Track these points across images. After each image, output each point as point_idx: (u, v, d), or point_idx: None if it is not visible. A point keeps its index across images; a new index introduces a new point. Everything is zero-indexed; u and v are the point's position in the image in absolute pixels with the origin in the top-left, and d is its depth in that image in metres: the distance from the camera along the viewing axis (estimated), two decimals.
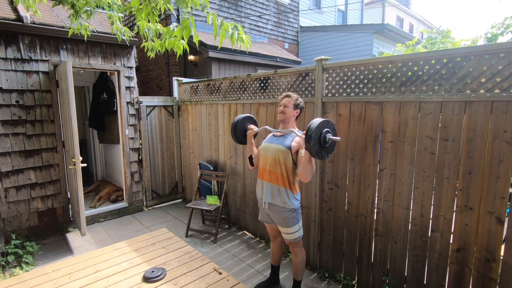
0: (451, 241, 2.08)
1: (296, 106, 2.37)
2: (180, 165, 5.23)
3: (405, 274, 2.35)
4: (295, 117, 2.42)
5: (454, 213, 2.05)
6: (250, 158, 2.62)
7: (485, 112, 1.85)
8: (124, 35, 3.09)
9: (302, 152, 2.22)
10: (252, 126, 2.59)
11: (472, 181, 1.94)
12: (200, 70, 6.72)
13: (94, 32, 3.71)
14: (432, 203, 2.15)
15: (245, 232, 3.96)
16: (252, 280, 2.88)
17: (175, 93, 5.12)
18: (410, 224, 2.28)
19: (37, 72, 3.62)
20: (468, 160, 1.94)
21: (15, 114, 3.49)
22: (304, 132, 2.01)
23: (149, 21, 2.29)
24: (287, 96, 2.40)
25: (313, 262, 3.04)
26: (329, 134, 1.99)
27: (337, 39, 9.12)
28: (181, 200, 5.29)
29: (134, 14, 2.24)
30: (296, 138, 2.31)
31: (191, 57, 6.70)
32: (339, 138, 2.00)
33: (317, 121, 1.97)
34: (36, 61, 3.61)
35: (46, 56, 3.66)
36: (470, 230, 1.97)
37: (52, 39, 3.68)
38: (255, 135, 2.67)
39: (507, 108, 1.77)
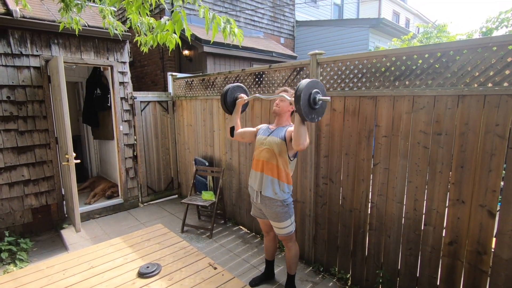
0: (443, 235, 2.11)
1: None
2: (175, 161, 5.21)
3: (399, 267, 2.37)
4: (290, 112, 2.42)
5: (447, 207, 2.07)
6: (232, 128, 2.59)
7: (478, 106, 1.86)
8: (116, 29, 3.04)
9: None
10: (242, 95, 2.58)
11: (464, 175, 1.95)
12: (195, 65, 6.67)
13: (86, 26, 3.66)
14: (425, 197, 2.16)
15: (241, 227, 3.97)
16: (247, 275, 2.89)
17: (170, 89, 5.08)
18: (403, 218, 2.30)
19: (28, 67, 3.56)
20: (461, 154, 1.95)
21: (6, 110, 3.44)
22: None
23: (140, 15, 2.26)
24: (285, 90, 2.41)
25: (308, 256, 3.06)
26: (318, 95, 1.96)
27: (333, 33, 9.09)
28: (176, 196, 5.28)
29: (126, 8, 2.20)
30: (289, 128, 2.31)
31: (186, 52, 6.64)
32: (329, 97, 1.95)
33: (305, 81, 1.93)
34: (27, 56, 3.55)
35: (37, 51, 3.60)
36: (462, 223, 1.99)
37: (43, 33, 3.61)
38: (245, 106, 2.65)
39: (499, 102, 1.77)
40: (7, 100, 3.45)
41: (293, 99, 2.00)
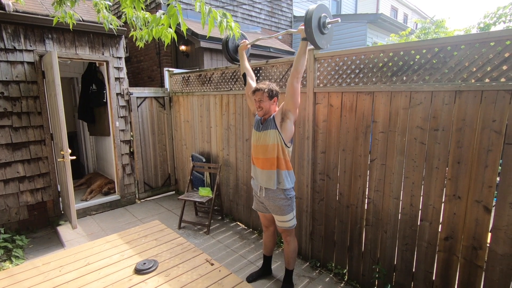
0: (439, 230, 2.11)
1: (270, 96, 2.29)
2: (172, 157, 5.19)
3: (395, 263, 2.39)
4: (274, 105, 2.36)
5: (443, 202, 2.07)
6: (244, 75, 2.59)
7: (475, 101, 1.85)
8: (111, 24, 2.99)
9: (288, 117, 2.24)
10: (244, 40, 2.58)
11: (461, 171, 1.96)
12: (192, 60, 6.61)
13: (81, 21, 3.61)
14: (422, 193, 2.17)
15: (238, 223, 3.98)
16: (244, 271, 2.90)
17: (167, 84, 5.04)
18: (400, 213, 2.30)
19: (22, 62, 3.50)
20: (457, 150, 1.95)
21: (0, 106, 3.40)
22: (302, 24, 2.00)
23: (134, 8, 2.22)
24: (257, 90, 2.29)
25: (305, 252, 3.07)
26: (327, 19, 1.97)
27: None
28: (174, 192, 5.27)
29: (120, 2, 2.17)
30: (276, 108, 2.32)
31: (182, 48, 6.57)
32: (338, 18, 1.97)
33: (313, 6, 1.96)
34: (21, 51, 3.49)
35: (31, 46, 3.55)
36: (458, 218, 2.00)
37: (36, 28, 3.55)
38: (248, 52, 2.65)
39: (496, 98, 1.77)
40: (1, 96, 3.40)
41: (302, 26, 2.03)
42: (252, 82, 2.61)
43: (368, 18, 8.29)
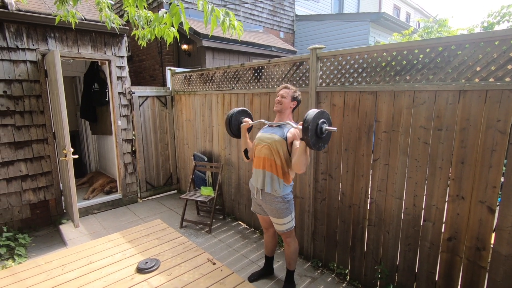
0: (442, 230, 2.10)
1: (293, 98, 2.36)
2: (174, 156, 5.19)
3: (397, 263, 2.38)
4: (291, 109, 2.41)
5: (446, 203, 2.06)
6: (245, 151, 2.59)
7: (479, 101, 1.84)
8: (113, 23, 2.99)
9: (297, 143, 2.20)
10: (247, 119, 2.56)
11: (464, 171, 1.94)
12: (193, 59, 6.61)
13: (83, 19, 3.61)
14: (425, 193, 2.15)
15: (240, 222, 3.97)
16: (246, 270, 2.90)
17: (169, 83, 5.04)
18: (402, 213, 2.29)
19: (24, 61, 3.51)
20: (461, 150, 1.94)
21: (2, 105, 3.41)
22: (300, 123, 2.01)
23: (137, 7, 2.21)
24: (286, 87, 2.40)
25: (307, 252, 3.06)
26: (325, 125, 2.00)
27: (333, 28, 9.00)
28: (176, 191, 5.28)
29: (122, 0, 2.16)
30: (292, 129, 2.30)
31: (184, 47, 6.57)
32: (335, 128, 2.00)
33: (312, 112, 1.98)
34: (23, 50, 3.50)
35: (33, 45, 3.55)
36: (461, 219, 1.99)
37: (39, 27, 3.56)
38: (249, 129, 2.64)
39: (501, 97, 1.75)
40: (4, 95, 3.41)
41: (299, 127, 2.03)
42: (253, 148, 2.60)
43: (371, 17, 8.25)
